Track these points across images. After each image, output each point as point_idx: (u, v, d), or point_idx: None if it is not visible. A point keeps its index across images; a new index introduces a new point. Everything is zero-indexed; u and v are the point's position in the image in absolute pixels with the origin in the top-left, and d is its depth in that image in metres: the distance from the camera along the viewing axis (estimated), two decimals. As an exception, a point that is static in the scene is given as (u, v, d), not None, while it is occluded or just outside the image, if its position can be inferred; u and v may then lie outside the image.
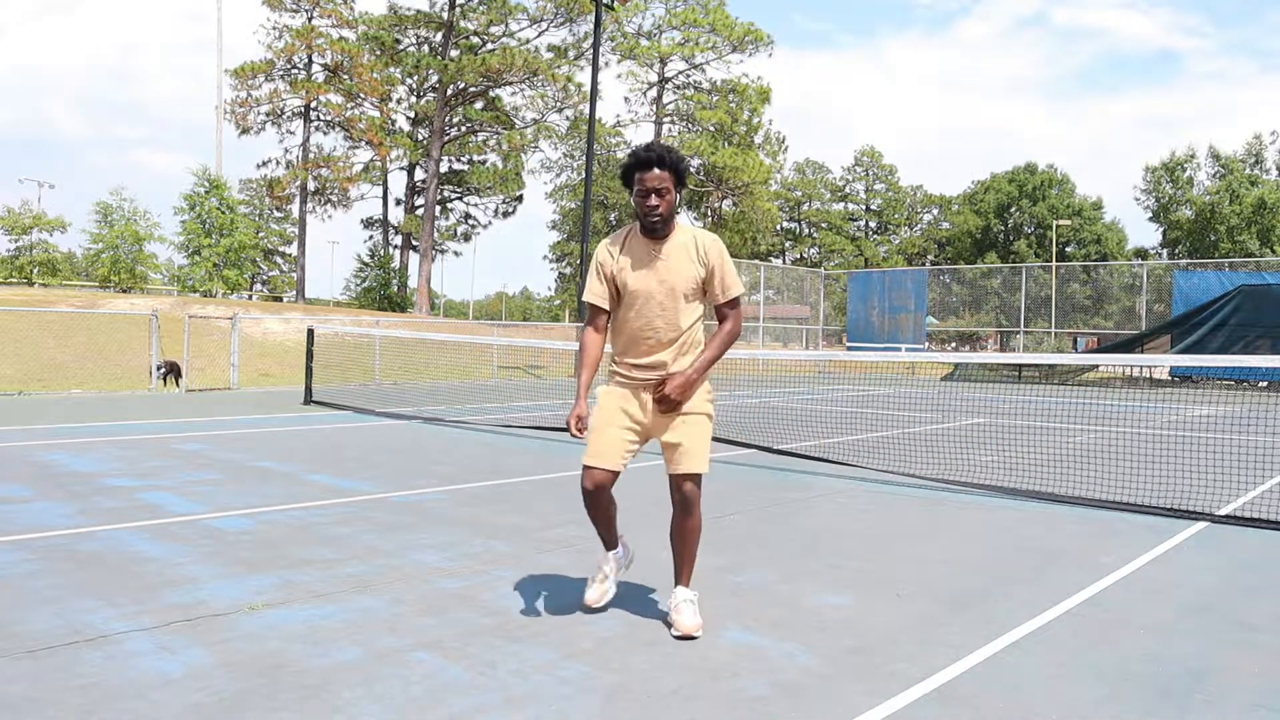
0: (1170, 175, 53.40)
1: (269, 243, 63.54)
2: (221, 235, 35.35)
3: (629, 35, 44.42)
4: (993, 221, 61.34)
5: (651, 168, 3.44)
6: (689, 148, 45.90)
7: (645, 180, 3.44)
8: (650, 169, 3.44)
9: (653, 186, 3.43)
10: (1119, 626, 3.67)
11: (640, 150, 3.49)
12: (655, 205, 3.44)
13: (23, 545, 4.65)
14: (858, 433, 10.61)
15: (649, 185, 3.43)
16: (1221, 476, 7.12)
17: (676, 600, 3.54)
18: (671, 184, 3.45)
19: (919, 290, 30.51)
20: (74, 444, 8.50)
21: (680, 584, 3.59)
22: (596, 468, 3.49)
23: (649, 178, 3.43)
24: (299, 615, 3.63)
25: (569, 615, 3.69)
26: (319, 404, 13.28)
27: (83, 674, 2.98)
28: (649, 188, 3.43)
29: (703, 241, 3.55)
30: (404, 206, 44.42)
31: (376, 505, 5.91)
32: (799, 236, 72.34)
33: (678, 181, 3.48)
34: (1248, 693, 3.00)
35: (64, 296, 28.08)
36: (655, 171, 3.43)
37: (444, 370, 19.31)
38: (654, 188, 3.43)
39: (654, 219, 3.46)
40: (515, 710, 2.77)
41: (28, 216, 42.60)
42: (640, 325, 3.52)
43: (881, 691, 2.95)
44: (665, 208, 3.45)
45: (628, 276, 3.52)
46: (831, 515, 5.87)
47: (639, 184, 3.45)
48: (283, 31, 39.49)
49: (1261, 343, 20.60)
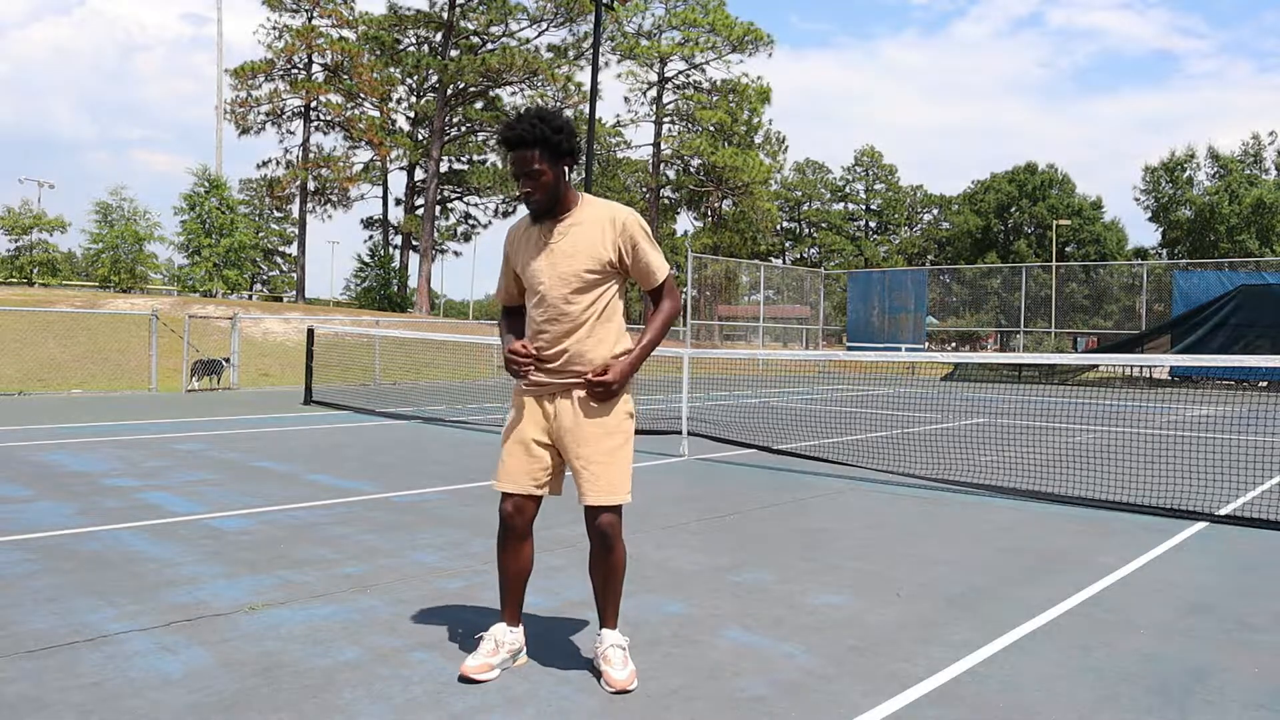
0: (1170, 175, 53.38)
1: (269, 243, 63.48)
2: (221, 235, 35.38)
3: (629, 35, 44.44)
4: (993, 221, 61.32)
5: (514, 147, 2.90)
6: (689, 148, 45.94)
7: (511, 163, 2.93)
8: (513, 149, 2.90)
9: (520, 169, 2.91)
10: (1119, 626, 3.67)
11: (503, 127, 2.92)
12: (528, 191, 2.92)
13: (23, 545, 4.65)
14: (858, 433, 10.60)
15: (515, 169, 2.93)
16: (1221, 476, 7.12)
17: (604, 646, 3.03)
18: (545, 162, 2.88)
19: (919, 290, 30.49)
20: (74, 444, 8.50)
21: (606, 626, 3.09)
22: (508, 493, 3.03)
23: (514, 160, 2.91)
24: (299, 615, 3.62)
25: (569, 615, 3.69)
26: (319, 404, 13.27)
27: (83, 674, 2.98)
28: (515, 172, 2.93)
29: (618, 219, 2.97)
30: (404, 206, 44.47)
31: (376, 505, 5.91)
32: (799, 236, 72.35)
33: (554, 155, 2.90)
34: (1248, 693, 3.00)
35: (64, 296, 28.08)
36: (520, 153, 2.89)
37: (444, 370, 19.30)
38: (522, 170, 2.91)
39: (530, 205, 2.95)
40: (515, 710, 2.77)
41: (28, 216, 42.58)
42: (539, 316, 3.00)
43: (881, 691, 2.95)
44: (541, 191, 2.91)
45: (523, 265, 3.04)
46: (831, 515, 5.87)
47: (510, 166, 2.96)
48: (283, 31, 39.52)
49: (1261, 343, 20.59)
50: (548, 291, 2.96)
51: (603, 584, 3.06)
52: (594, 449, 2.96)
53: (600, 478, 2.95)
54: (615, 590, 3.07)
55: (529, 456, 3.02)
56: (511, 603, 3.12)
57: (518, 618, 3.15)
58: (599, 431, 2.97)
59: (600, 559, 3.04)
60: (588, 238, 2.95)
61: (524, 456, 3.02)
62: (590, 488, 2.95)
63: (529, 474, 3.02)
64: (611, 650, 3.01)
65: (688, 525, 5.45)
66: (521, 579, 3.12)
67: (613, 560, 3.03)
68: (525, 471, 3.01)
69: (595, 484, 2.95)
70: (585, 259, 2.94)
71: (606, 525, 2.98)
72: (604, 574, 3.05)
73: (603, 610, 3.10)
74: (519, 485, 3.01)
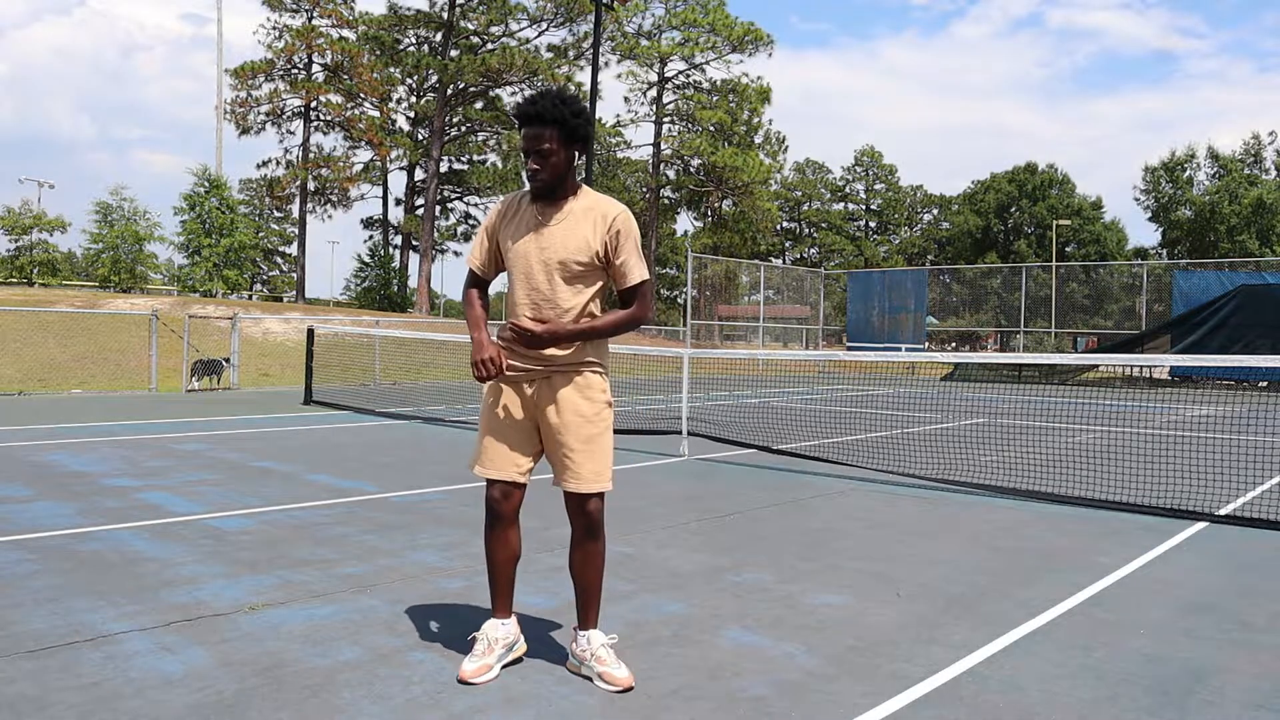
0: (1170, 175, 53.38)
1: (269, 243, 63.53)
2: (221, 235, 35.39)
3: (629, 35, 44.43)
4: (993, 221, 61.32)
5: (530, 124, 2.86)
6: (689, 148, 45.92)
7: (525, 139, 2.88)
8: (529, 125, 2.86)
9: (531, 147, 2.87)
10: (1119, 626, 3.67)
11: (523, 102, 2.90)
12: (535, 169, 2.88)
13: (23, 545, 4.65)
14: (858, 433, 10.60)
15: (527, 145, 2.88)
16: (1221, 476, 7.12)
17: (593, 647, 2.99)
18: (559, 142, 2.86)
19: (919, 290, 30.48)
20: (74, 444, 8.50)
21: (589, 627, 3.06)
22: (494, 480, 3.02)
23: (527, 136, 2.87)
24: (299, 615, 3.62)
25: (569, 615, 3.69)
26: (319, 404, 13.27)
27: (83, 674, 2.98)
28: (527, 148, 2.88)
29: (610, 213, 2.95)
30: (404, 206, 44.48)
31: (376, 505, 5.91)
32: (799, 236, 72.37)
33: (569, 138, 2.88)
34: (1248, 693, 3.00)
35: (64, 296, 28.10)
36: (535, 129, 2.85)
37: (444, 370, 19.29)
38: (534, 148, 2.86)
39: (535, 183, 2.91)
40: (515, 710, 2.77)
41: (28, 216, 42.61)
42: (525, 300, 2.97)
43: (881, 691, 2.95)
44: (549, 171, 2.88)
45: (509, 242, 3.00)
46: (831, 515, 5.87)
47: (522, 142, 2.91)
48: (283, 31, 39.53)
49: (1261, 343, 20.57)
50: (536, 277, 2.96)
51: (586, 575, 3.04)
52: (575, 436, 2.96)
53: (585, 465, 2.95)
54: (598, 583, 3.07)
55: (511, 442, 3.01)
56: (501, 593, 3.11)
57: (508, 609, 3.13)
58: (580, 419, 2.97)
59: (584, 547, 3.03)
60: (580, 227, 2.94)
61: (507, 442, 3.01)
62: (575, 475, 2.96)
63: (512, 460, 3.01)
64: (602, 650, 2.99)
65: (688, 525, 5.45)
66: (510, 566, 3.10)
67: (597, 548, 3.03)
68: (509, 458, 3.01)
69: (580, 471, 2.95)
70: (575, 249, 2.93)
71: (594, 511, 2.98)
72: (588, 563, 3.03)
73: (585, 607, 3.07)
74: (504, 472, 3.01)
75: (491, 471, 3.02)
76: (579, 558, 3.05)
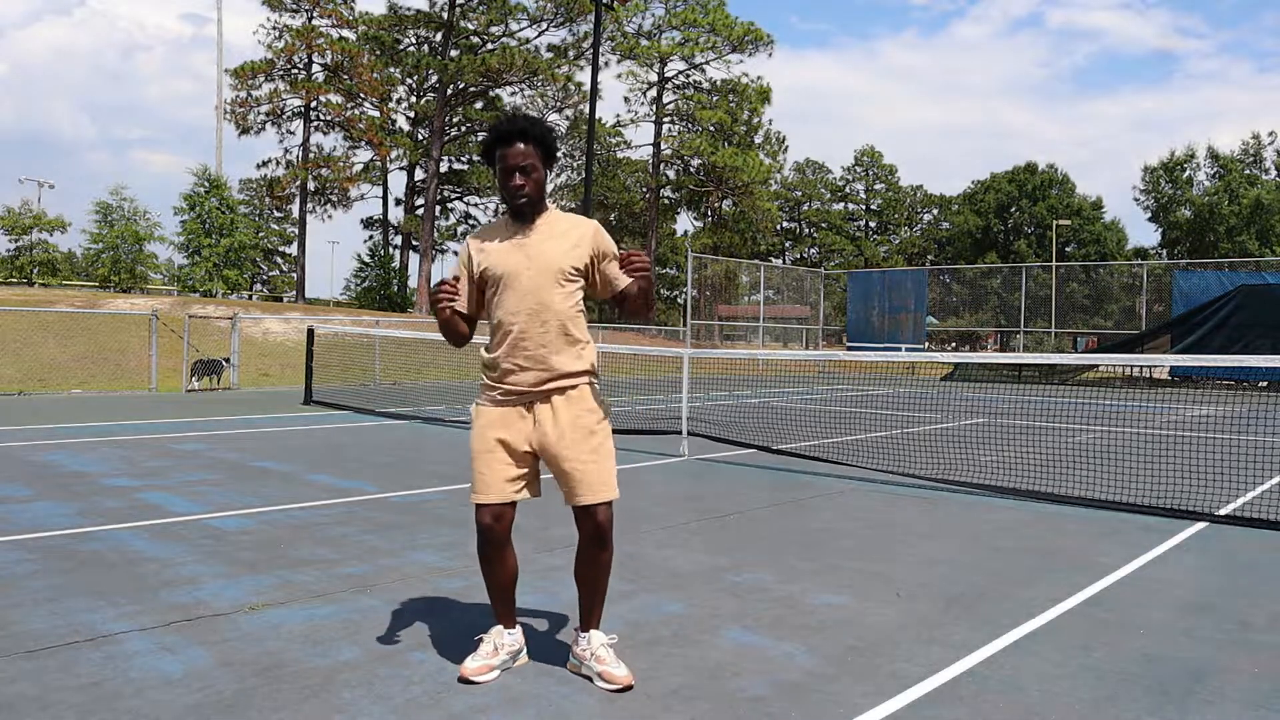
0: (1169, 175, 53.38)
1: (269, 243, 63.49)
2: (221, 235, 35.40)
3: (629, 35, 44.42)
4: (993, 221, 61.30)
5: (514, 142, 2.99)
6: (689, 148, 45.92)
7: (508, 157, 2.99)
8: (513, 143, 2.99)
9: (516, 164, 2.98)
10: (1119, 626, 3.67)
11: (502, 122, 3.02)
12: (520, 185, 2.99)
13: (23, 545, 4.65)
14: (858, 433, 10.60)
15: (511, 162, 2.98)
16: (1221, 476, 7.12)
17: (594, 647, 3.04)
18: (539, 159, 3.02)
19: (919, 290, 30.48)
20: (74, 444, 8.50)
21: (593, 628, 3.11)
22: (486, 504, 3.02)
23: (511, 154, 2.98)
24: (299, 615, 3.63)
25: (569, 615, 3.69)
26: (319, 404, 13.27)
27: (82, 674, 2.98)
28: (511, 165, 2.98)
29: (588, 225, 3.10)
30: (404, 206, 44.49)
31: (376, 505, 5.91)
32: (799, 236, 72.35)
33: (546, 157, 3.05)
34: (1248, 693, 3.00)
35: (64, 296, 28.11)
36: (519, 146, 2.98)
37: (443, 370, 19.29)
38: (518, 165, 2.98)
39: (520, 199, 3.00)
40: (515, 710, 2.78)
41: (28, 216, 42.64)
42: (517, 317, 3.00)
43: (881, 691, 2.95)
44: (533, 187, 3.00)
45: (494, 260, 3.04)
46: (831, 515, 5.87)
47: (501, 161, 3.00)
48: (283, 31, 39.52)
49: (1261, 343, 20.58)
50: (530, 283, 2.99)
51: (593, 583, 3.08)
52: (580, 449, 2.99)
53: (593, 476, 2.99)
54: (604, 589, 3.11)
55: (507, 466, 3.02)
56: (504, 608, 3.15)
57: (513, 620, 3.17)
58: (582, 433, 3.01)
59: (593, 557, 3.05)
60: (565, 238, 3.05)
61: (502, 466, 3.02)
62: (584, 487, 2.98)
63: (508, 482, 3.02)
64: (603, 650, 3.03)
65: (688, 525, 5.45)
66: (510, 585, 3.13)
67: (605, 557, 3.06)
68: (504, 481, 3.02)
69: (588, 483, 2.98)
70: (560, 254, 3.02)
71: (605, 521, 3.01)
72: (596, 572, 3.07)
73: (589, 611, 3.11)
74: (500, 495, 3.02)
75: (487, 495, 3.02)
76: (588, 566, 3.08)
